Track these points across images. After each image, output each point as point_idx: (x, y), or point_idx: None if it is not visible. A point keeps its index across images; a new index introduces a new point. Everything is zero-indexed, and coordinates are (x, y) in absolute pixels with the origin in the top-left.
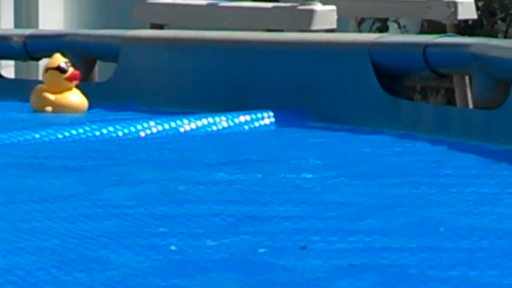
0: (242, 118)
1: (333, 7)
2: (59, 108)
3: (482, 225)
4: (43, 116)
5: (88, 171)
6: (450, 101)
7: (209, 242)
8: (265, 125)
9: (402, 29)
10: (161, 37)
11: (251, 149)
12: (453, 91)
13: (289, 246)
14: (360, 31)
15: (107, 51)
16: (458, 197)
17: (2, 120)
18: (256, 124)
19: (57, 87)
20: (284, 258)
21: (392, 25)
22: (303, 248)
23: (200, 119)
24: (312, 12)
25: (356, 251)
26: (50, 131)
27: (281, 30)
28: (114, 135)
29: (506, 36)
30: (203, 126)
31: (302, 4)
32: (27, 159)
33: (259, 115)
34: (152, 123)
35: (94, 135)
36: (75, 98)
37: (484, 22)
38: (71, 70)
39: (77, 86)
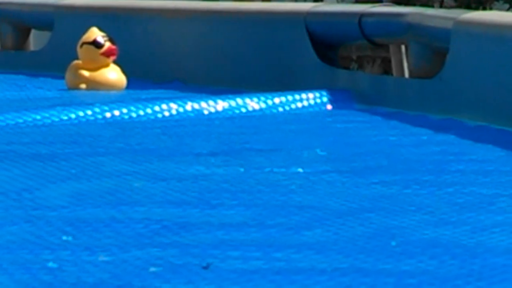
0: (277, 100)
1: None
2: (94, 85)
3: (446, 239)
4: (71, 94)
5: (54, 161)
6: (387, 71)
7: (101, 257)
8: (304, 107)
9: None
10: (96, 5)
11: (262, 136)
12: (389, 61)
13: (191, 264)
14: (295, 0)
15: (42, 20)
16: (448, 199)
17: (25, 99)
18: (293, 106)
19: (93, 63)
20: (172, 280)
21: None
22: (206, 267)
23: (227, 100)
24: None
25: (266, 273)
26: (53, 112)
27: None
28: (126, 117)
29: (442, 5)
30: (231, 108)
31: None
32: (2, 145)
33: (297, 97)
34: (173, 104)
35: (104, 117)
36: (112, 75)
37: None
38: (107, 45)
39: (116, 62)
